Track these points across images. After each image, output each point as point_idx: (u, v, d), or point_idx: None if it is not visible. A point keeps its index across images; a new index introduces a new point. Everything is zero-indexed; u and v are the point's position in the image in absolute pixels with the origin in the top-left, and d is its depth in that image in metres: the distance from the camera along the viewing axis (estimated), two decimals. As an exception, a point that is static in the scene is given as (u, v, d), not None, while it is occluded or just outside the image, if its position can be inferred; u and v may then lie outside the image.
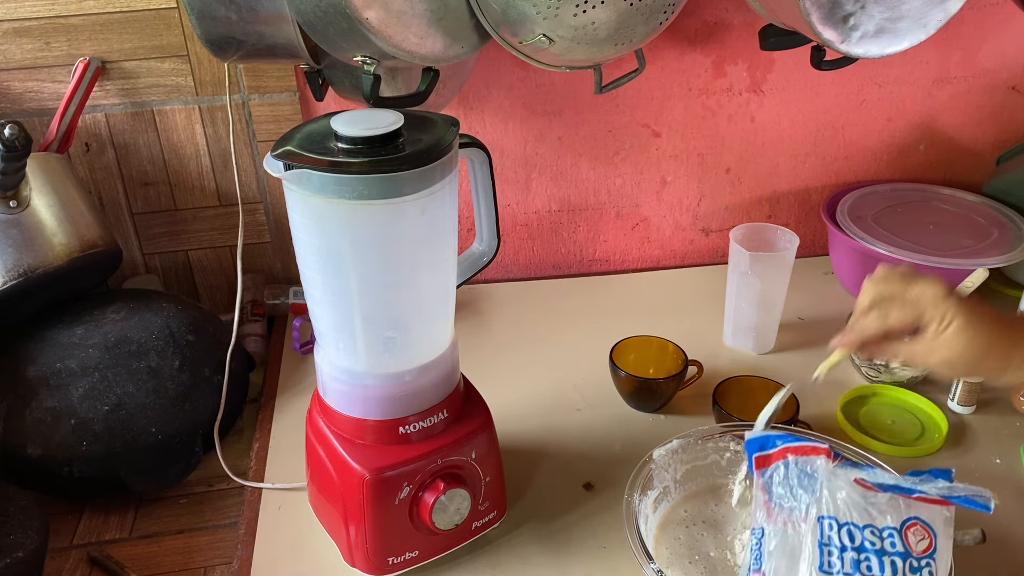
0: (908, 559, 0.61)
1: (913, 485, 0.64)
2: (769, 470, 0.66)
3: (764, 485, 0.66)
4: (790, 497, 0.65)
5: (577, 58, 0.90)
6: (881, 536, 0.62)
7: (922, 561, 0.62)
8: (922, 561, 0.62)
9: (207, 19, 0.88)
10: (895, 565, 0.61)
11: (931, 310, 0.66)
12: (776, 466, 0.66)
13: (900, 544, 0.61)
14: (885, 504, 0.62)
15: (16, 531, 0.74)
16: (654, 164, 1.23)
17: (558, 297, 1.22)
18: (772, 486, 0.66)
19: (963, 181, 1.29)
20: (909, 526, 0.62)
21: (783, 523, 0.64)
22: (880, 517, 0.62)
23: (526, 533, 0.82)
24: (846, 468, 0.65)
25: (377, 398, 0.73)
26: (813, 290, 1.21)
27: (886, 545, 0.61)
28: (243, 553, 0.81)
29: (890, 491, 0.63)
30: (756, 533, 0.66)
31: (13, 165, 0.86)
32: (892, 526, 0.62)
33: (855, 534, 0.62)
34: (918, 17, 0.88)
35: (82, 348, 0.89)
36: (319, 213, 0.66)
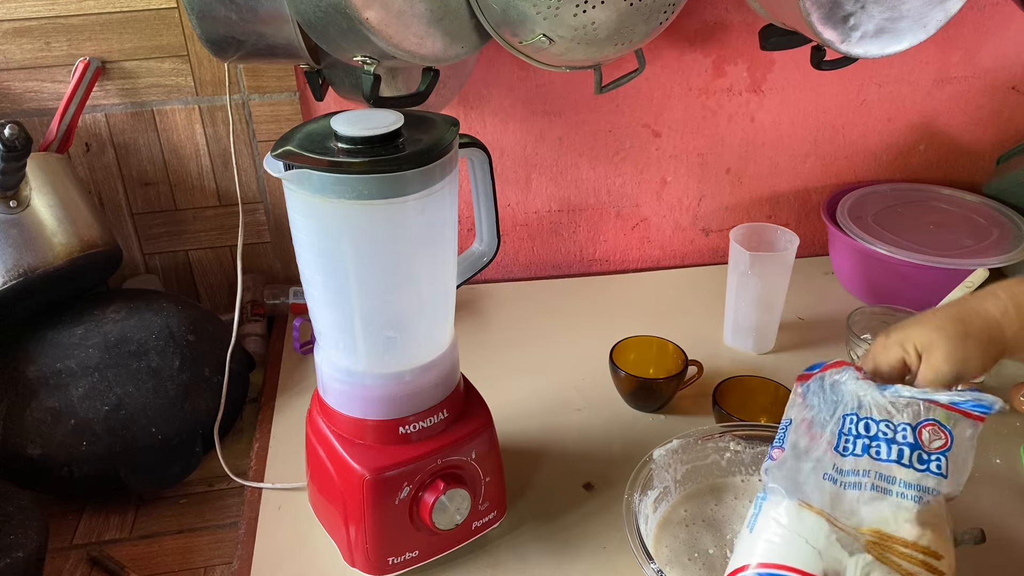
0: (917, 450, 0.65)
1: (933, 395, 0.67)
2: (808, 383, 0.71)
3: (802, 393, 0.71)
4: (821, 401, 0.69)
5: (577, 58, 0.90)
6: (895, 428, 0.66)
7: (932, 455, 0.65)
8: (932, 455, 0.65)
9: (207, 19, 0.88)
10: (902, 452, 0.65)
11: (895, 349, 0.70)
12: (814, 379, 0.71)
13: (911, 436, 0.65)
14: (905, 406, 0.66)
15: (16, 531, 0.74)
16: (654, 164, 1.23)
17: (558, 297, 1.22)
18: (808, 394, 0.71)
19: (963, 181, 1.29)
20: (925, 425, 0.66)
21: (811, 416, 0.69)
22: (898, 415, 0.66)
23: (526, 533, 0.82)
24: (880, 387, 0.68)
25: (377, 398, 0.73)
26: (813, 290, 1.21)
27: (898, 436, 0.65)
28: (243, 553, 0.81)
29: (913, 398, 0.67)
30: (784, 422, 0.70)
31: (13, 165, 0.86)
32: (907, 422, 0.66)
33: (871, 425, 0.66)
34: (918, 17, 0.88)
35: (82, 348, 0.89)
36: (319, 213, 0.66)
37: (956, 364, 0.67)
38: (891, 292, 1.11)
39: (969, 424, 0.66)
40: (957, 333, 0.67)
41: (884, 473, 0.64)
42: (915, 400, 0.66)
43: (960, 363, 0.67)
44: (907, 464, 0.64)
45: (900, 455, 0.65)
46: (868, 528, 0.63)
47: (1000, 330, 0.67)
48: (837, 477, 0.65)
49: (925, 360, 0.68)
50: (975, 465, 0.89)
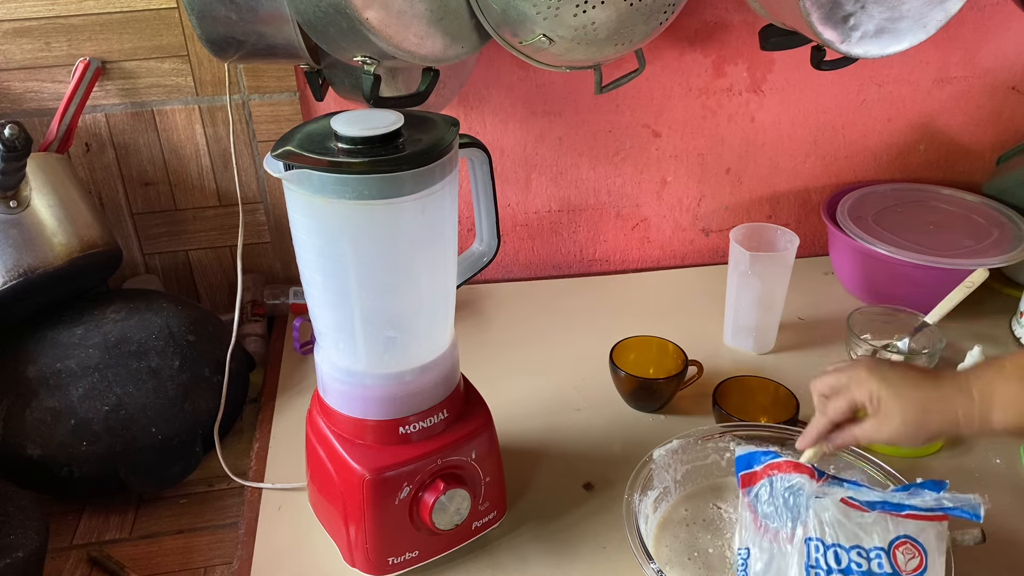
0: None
1: (902, 500, 0.63)
2: (755, 488, 0.66)
3: (750, 504, 0.66)
4: (776, 516, 0.64)
5: (577, 58, 0.90)
6: (868, 557, 0.61)
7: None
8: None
9: (207, 19, 0.88)
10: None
11: (858, 392, 0.69)
12: (762, 484, 0.66)
13: (888, 565, 0.60)
14: (872, 524, 0.62)
15: (16, 531, 0.74)
16: (654, 164, 1.23)
17: (558, 297, 1.22)
18: (758, 504, 0.65)
19: (963, 181, 1.29)
20: (898, 545, 0.61)
21: (770, 543, 0.64)
22: (867, 538, 0.61)
23: (526, 533, 0.82)
24: (832, 487, 0.65)
25: (377, 398, 0.73)
26: (813, 290, 1.21)
27: (873, 566, 0.60)
28: (243, 553, 0.81)
29: (877, 509, 0.63)
30: (742, 553, 0.66)
31: (13, 165, 0.86)
32: (880, 546, 0.61)
33: (841, 556, 0.61)
34: (918, 17, 0.88)
35: (82, 348, 0.89)
36: (319, 213, 0.66)
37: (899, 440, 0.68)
38: (891, 292, 1.11)
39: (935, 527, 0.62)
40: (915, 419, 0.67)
41: None
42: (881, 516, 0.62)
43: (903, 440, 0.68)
44: None
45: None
46: None
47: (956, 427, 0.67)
48: None
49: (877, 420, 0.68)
50: (975, 465, 0.90)
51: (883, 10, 0.87)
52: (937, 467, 0.89)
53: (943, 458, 0.90)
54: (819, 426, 0.72)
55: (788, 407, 0.90)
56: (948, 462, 0.89)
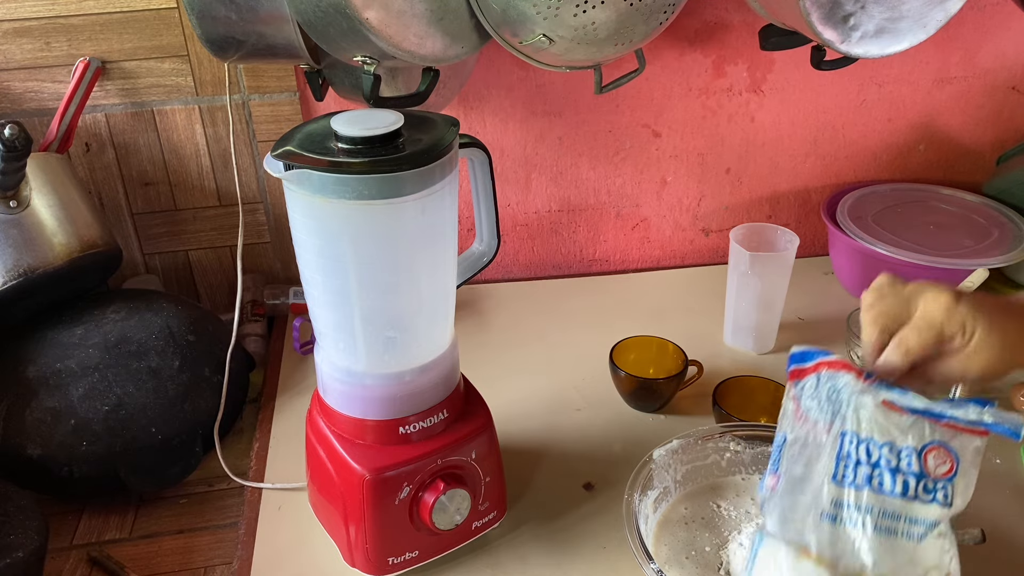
0: (923, 479, 0.61)
1: (944, 410, 0.62)
2: (803, 381, 0.65)
3: (796, 396, 0.66)
4: (817, 409, 0.64)
5: (577, 58, 0.90)
6: (899, 455, 0.61)
7: (939, 484, 0.61)
8: (939, 484, 0.61)
9: (207, 19, 0.88)
10: (907, 483, 0.61)
11: (949, 324, 0.62)
12: (809, 378, 0.65)
13: (917, 464, 0.61)
14: (909, 426, 0.62)
15: (16, 531, 0.74)
16: (654, 164, 1.23)
17: (558, 297, 1.22)
18: (803, 397, 0.65)
19: (963, 181, 1.29)
20: (930, 450, 0.61)
21: (806, 433, 0.64)
22: (901, 437, 0.61)
23: (526, 533, 0.82)
24: (879, 388, 0.63)
25: (377, 398, 0.73)
26: (813, 290, 1.21)
27: (902, 464, 0.61)
28: (243, 553, 0.81)
29: (917, 414, 0.62)
30: (778, 440, 0.66)
31: (13, 165, 0.86)
32: (911, 446, 0.61)
33: (872, 450, 0.62)
34: (918, 17, 0.88)
35: (82, 348, 0.89)
36: (319, 213, 0.66)
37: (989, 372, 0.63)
38: (891, 292, 1.11)
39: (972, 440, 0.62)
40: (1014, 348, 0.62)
41: (888, 509, 0.60)
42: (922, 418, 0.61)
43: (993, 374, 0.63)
44: (913, 497, 0.60)
45: (905, 488, 0.60)
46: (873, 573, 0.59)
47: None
48: (836, 513, 0.61)
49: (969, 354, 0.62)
50: (975, 465, 0.90)
51: (883, 10, 0.87)
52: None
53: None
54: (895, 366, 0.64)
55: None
56: (948, 462, 0.89)
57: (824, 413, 0.63)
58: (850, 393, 0.63)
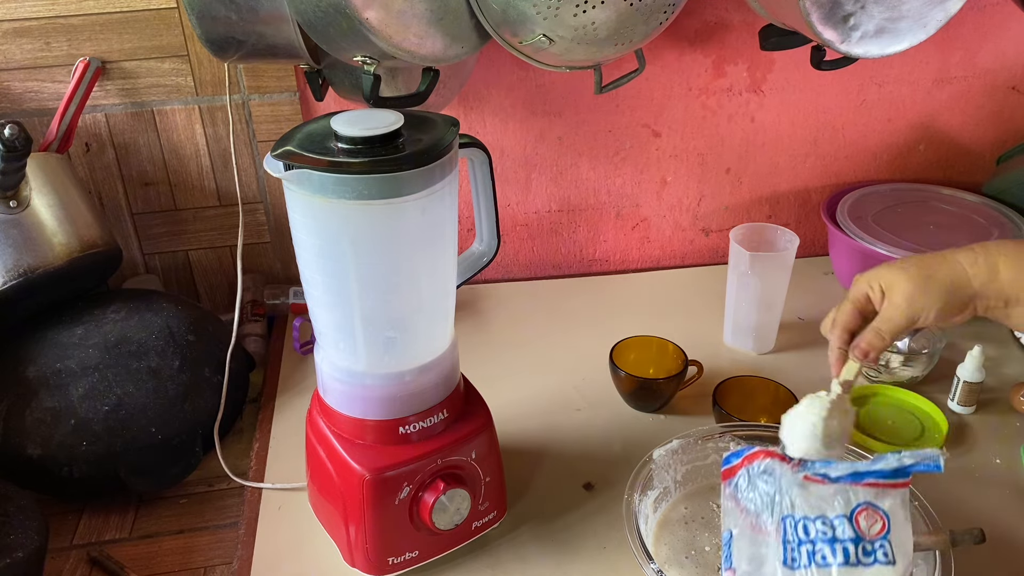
0: (860, 543, 0.63)
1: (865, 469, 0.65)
2: (734, 479, 0.69)
3: (732, 494, 0.69)
4: (755, 500, 0.67)
5: (577, 58, 0.90)
6: (832, 525, 0.64)
7: (875, 543, 0.63)
8: (875, 543, 0.63)
9: (207, 19, 0.88)
10: (847, 550, 0.63)
11: (856, 289, 0.72)
12: (740, 473, 0.68)
13: (851, 530, 0.63)
14: (833, 495, 0.65)
15: (16, 531, 0.74)
16: (654, 164, 1.23)
17: (558, 297, 1.22)
18: (739, 492, 0.68)
19: (963, 181, 1.29)
20: (859, 511, 0.64)
21: (750, 525, 0.66)
22: (830, 508, 0.64)
23: (526, 533, 0.82)
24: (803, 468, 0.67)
25: (377, 398, 0.73)
26: (813, 290, 1.21)
27: (837, 533, 0.63)
28: (243, 553, 0.81)
29: (838, 482, 0.65)
30: (725, 536, 0.68)
31: (13, 165, 0.86)
32: (841, 514, 0.64)
33: (809, 527, 0.64)
34: (918, 17, 0.88)
35: (82, 348, 0.89)
36: (319, 213, 0.66)
37: (914, 305, 0.68)
38: (891, 292, 1.11)
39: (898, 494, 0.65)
40: (920, 275, 0.69)
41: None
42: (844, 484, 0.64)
43: (918, 305, 0.68)
44: (855, 562, 0.62)
45: (846, 555, 0.63)
46: None
47: (966, 279, 0.68)
48: None
49: (887, 298, 0.70)
50: (975, 465, 0.90)
51: (883, 10, 0.87)
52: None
53: (943, 458, 0.90)
54: (836, 341, 0.72)
55: (788, 407, 0.90)
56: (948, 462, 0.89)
57: (763, 503, 0.66)
58: (778, 477, 0.66)
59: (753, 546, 0.66)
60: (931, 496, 0.74)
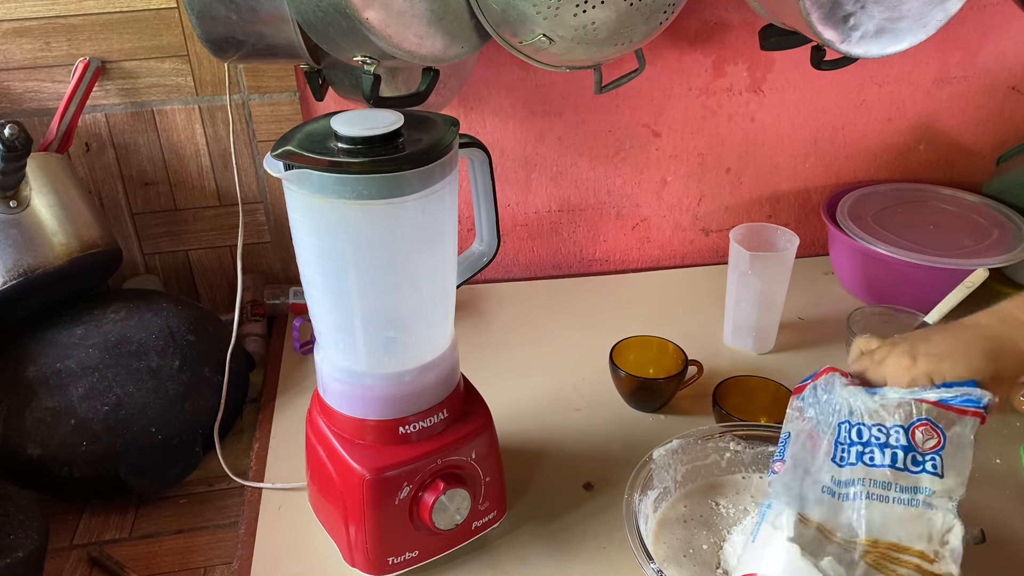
0: (911, 452, 0.65)
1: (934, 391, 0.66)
2: (804, 393, 0.71)
3: (799, 405, 0.71)
4: (817, 409, 0.70)
5: (577, 58, 0.90)
6: (887, 432, 0.66)
7: (927, 456, 0.65)
8: (927, 456, 0.65)
9: (207, 19, 0.88)
10: (896, 455, 0.65)
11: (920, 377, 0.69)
12: (809, 388, 0.71)
13: (904, 439, 0.65)
14: (895, 407, 0.66)
15: (16, 531, 0.74)
16: (654, 164, 1.23)
17: (558, 297, 1.22)
18: (805, 404, 0.71)
19: (963, 181, 1.29)
20: (918, 426, 0.66)
21: (809, 428, 0.69)
22: (889, 418, 0.66)
23: (526, 533, 0.82)
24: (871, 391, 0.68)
25: (377, 398, 0.73)
26: (813, 290, 1.21)
27: (891, 440, 0.66)
28: (243, 553, 0.81)
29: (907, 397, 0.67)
30: (783, 437, 0.71)
31: (13, 165, 0.86)
32: (899, 424, 0.66)
33: (863, 431, 0.67)
34: (918, 17, 0.88)
35: (82, 348, 0.89)
36: (319, 213, 0.66)
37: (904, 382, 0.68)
38: (891, 292, 1.11)
39: (964, 422, 0.66)
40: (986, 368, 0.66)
41: (879, 479, 0.64)
42: (904, 400, 0.66)
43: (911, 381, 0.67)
44: (901, 467, 0.65)
45: (894, 459, 0.65)
46: (865, 539, 0.63)
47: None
48: (835, 489, 0.65)
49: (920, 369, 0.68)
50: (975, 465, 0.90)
51: (883, 10, 0.87)
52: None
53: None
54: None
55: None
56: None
57: (823, 414, 0.69)
58: (842, 390, 0.69)
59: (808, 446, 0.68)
60: (931, 496, 0.73)
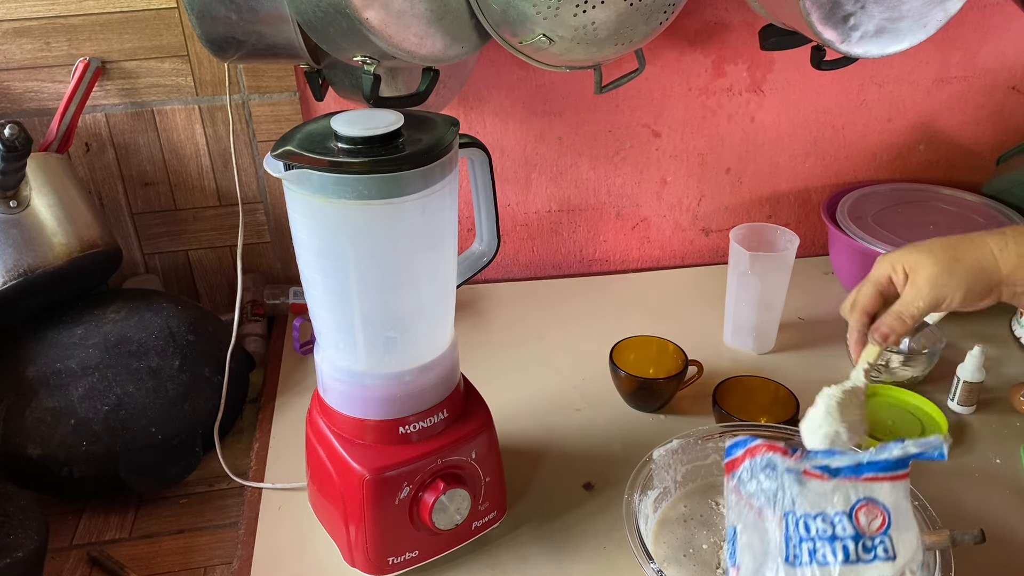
0: (861, 540, 0.63)
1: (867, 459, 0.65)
2: (738, 471, 0.68)
3: (736, 486, 0.68)
4: (758, 494, 0.66)
5: (577, 58, 0.90)
6: (832, 522, 0.63)
7: (876, 539, 0.63)
8: (876, 539, 0.63)
9: (207, 19, 0.88)
10: (847, 548, 0.63)
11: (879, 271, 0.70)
12: (743, 466, 0.68)
13: (851, 527, 0.63)
14: (832, 491, 0.64)
15: (16, 531, 0.74)
16: (654, 164, 1.23)
17: (558, 297, 1.22)
18: (742, 485, 0.68)
19: (963, 181, 1.29)
20: (859, 508, 0.64)
21: (754, 519, 0.66)
22: (829, 504, 0.64)
23: (526, 533, 0.82)
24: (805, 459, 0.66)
25: (377, 398, 0.73)
26: (813, 290, 1.21)
27: (837, 530, 0.63)
28: (243, 553, 0.81)
29: (838, 475, 0.65)
30: (730, 532, 0.68)
31: (13, 165, 0.86)
32: (841, 511, 0.63)
33: (810, 524, 0.64)
34: (918, 17, 0.88)
35: (82, 348, 0.89)
36: (319, 213, 0.66)
37: (938, 289, 0.67)
38: (891, 292, 1.11)
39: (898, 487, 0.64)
40: (946, 258, 0.67)
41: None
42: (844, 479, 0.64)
43: (943, 289, 0.67)
44: (855, 560, 0.62)
45: (846, 553, 0.62)
46: None
47: (994, 264, 0.66)
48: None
49: (910, 281, 0.68)
50: (975, 465, 0.90)
51: (883, 10, 0.87)
52: (938, 466, 0.88)
53: (943, 458, 0.90)
54: (856, 323, 0.71)
55: (788, 407, 0.90)
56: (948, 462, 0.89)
57: (766, 497, 0.66)
58: (780, 472, 0.65)
59: (757, 541, 0.65)
60: (931, 496, 0.74)
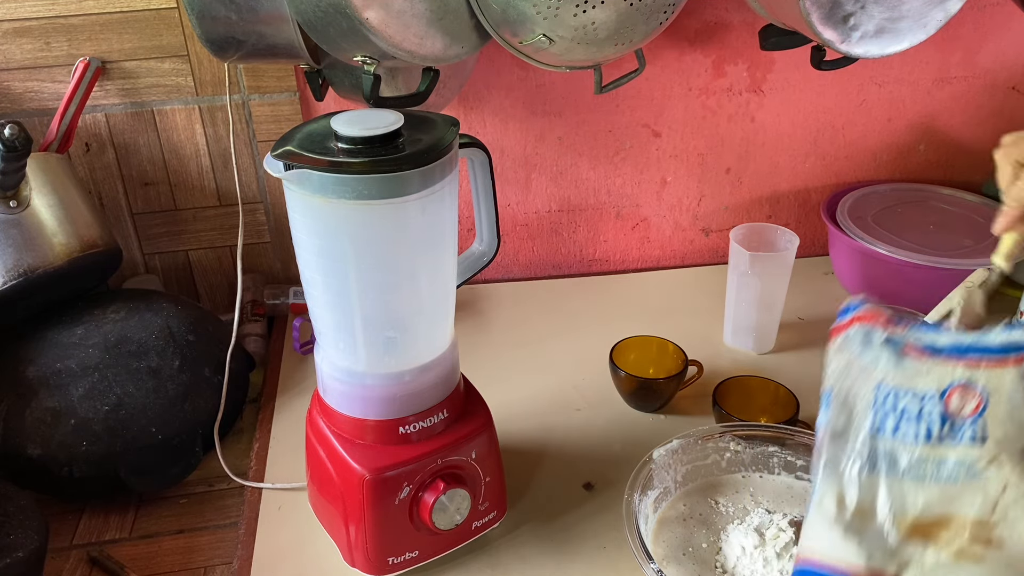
0: (946, 423, 0.61)
1: (969, 344, 0.62)
2: (840, 337, 0.67)
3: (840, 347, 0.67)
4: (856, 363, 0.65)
5: (577, 58, 0.90)
6: (920, 400, 0.62)
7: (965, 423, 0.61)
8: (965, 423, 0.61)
9: (207, 19, 0.88)
10: (930, 429, 0.61)
11: None
12: (846, 332, 0.66)
13: (939, 407, 0.61)
14: (927, 371, 0.62)
15: (16, 531, 0.74)
16: (654, 164, 1.23)
17: (558, 297, 1.22)
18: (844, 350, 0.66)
19: (963, 181, 1.29)
20: (953, 390, 0.61)
21: (847, 390, 0.65)
22: (922, 382, 0.62)
23: (526, 533, 0.82)
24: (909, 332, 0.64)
25: (377, 398, 0.73)
26: (813, 290, 1.21)
27: (925, 410, 0.61)
28: (243, 553, 0.81)
29: (939, 354, 0.63)
30: (825, 394, 0.66)
31: (13, 165, 0.86)
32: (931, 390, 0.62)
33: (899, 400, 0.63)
34: (918, 17, 0.88)
35: (82, 348, 0.89)
36: (319, 213, 0.66)
37: None
38: (891, 292, 1.11)
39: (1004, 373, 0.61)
40: None
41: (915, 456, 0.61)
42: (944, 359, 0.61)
43: None
44: (938, 440, 0.60)
45: (929, 433, 0.61)
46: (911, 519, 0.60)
47: None
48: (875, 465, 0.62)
49: None
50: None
51: (883, 10, 0.87)
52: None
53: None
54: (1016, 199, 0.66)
55: (788, 407, 0.90)
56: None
57: (862, 367, 0.64)
58: (880, 344, 0.64)
59: (845, 407, 0.64)
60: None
